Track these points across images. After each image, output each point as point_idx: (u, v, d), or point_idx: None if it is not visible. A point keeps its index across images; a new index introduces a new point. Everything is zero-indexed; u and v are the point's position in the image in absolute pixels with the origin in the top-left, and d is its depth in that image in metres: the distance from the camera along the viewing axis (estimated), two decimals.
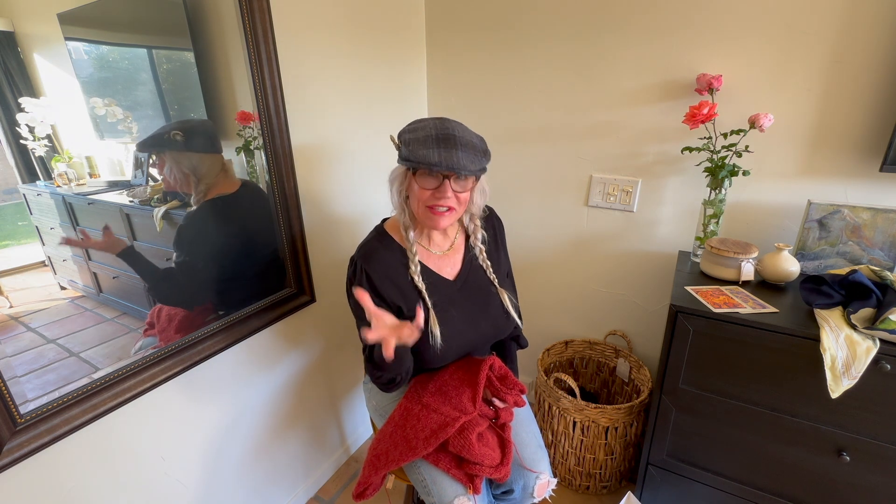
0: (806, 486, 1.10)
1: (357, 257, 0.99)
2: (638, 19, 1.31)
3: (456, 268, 1.06)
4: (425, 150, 0.85)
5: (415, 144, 0.87)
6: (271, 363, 1.29)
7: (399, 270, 0.98)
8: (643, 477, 1.31)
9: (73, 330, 0.85)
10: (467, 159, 0.86)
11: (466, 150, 0.86)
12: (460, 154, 0.85)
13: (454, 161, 0.85)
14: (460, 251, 1.07)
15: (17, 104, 0.74)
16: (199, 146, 0.99)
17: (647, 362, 1.60)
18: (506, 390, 1.03)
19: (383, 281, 0.96)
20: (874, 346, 0.90)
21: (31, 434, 0.79)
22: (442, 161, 0.84)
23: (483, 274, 1.08)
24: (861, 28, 1.08)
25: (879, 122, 1.11)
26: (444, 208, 0.92)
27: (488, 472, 0.93)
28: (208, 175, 1.00)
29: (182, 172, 0.96)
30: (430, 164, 0.85)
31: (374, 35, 1.41)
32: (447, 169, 0.85)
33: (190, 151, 0.97)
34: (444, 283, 1.03)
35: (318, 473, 1.57)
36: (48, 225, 0.82)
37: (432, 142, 0.86)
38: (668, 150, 1.37)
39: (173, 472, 1.08)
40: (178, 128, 0.93)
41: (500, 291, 1.07)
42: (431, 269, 1.02)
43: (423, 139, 0.86)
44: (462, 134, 0.88)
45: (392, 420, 1.00)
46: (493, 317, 1.06)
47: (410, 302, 0.98)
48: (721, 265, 1.20)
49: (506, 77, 1.56)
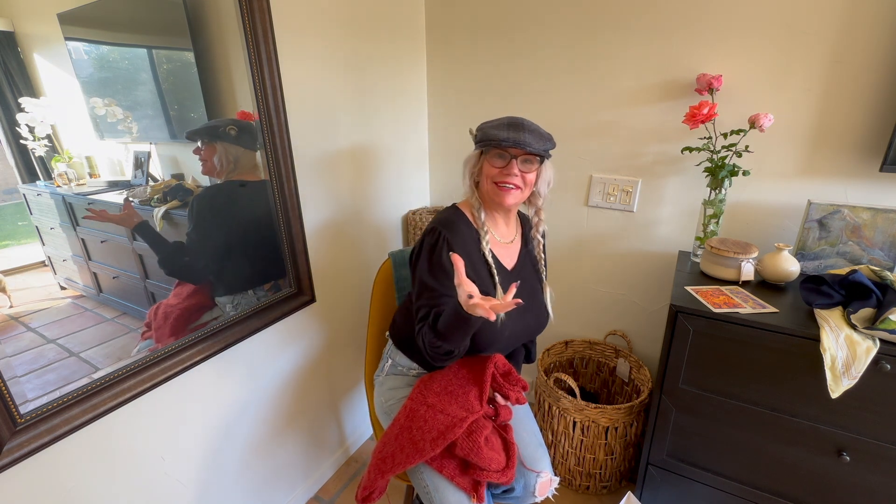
0: (806, 486, 1.10)
1: (438, 226, 1.02)
2: (638, 19, 1.31)
3: (514, 259, 1.11)
4: (496, 131, 0.96)
5: (488, 129, 0.98)
6: (271, 363, 1.29)
7: (472, 245, 1.03)
8: (643, 477, 1.31)
9: (73, 330, 0.85)
10: (532, 138, 0.95)
11: (533, 133, 0.96)
12: (526, 135, 0.95)
13: (521, 138, 0.94)
14: (518, 244, 1.13)
15: (17, 104, 0.74)
16: (245, 142, 1.09)
17: (647, 362, 1.60)
18: (509, 387, 1.04)
19: (460, 251, 0.99)
20: (874, 346, 0.90)
21: (31, 434, 0.79)
22: (510, 137, 0.94)
23: (534, 268, 1.14)
24: (861, 28, 1.09)
25: (879, 122, 1.11)
26: (510, 185, 0.99)
27: (494, 476, 0.92)
28: (244, 169, 1.11)
29: (228, 161, 1.07)
30: (499, 139, 0.95)
31: (374, 35, 1.41)
32: (513, 144, 0.94)
33: (238, 145, 1.08)
34: (504, 270, 1.07)
35: (318, 473, 1.57)
36: (48, 225, 0.82)
37: (504, 126, 0.96)
38: (668, 150, 1.37)
39: (173, 472, 1.08)
40: (234, 124, 1.06)
41: (545, 286, 1.14)
42: (496, 254, 1.06)
43: (496, 125, 0.98)
44: (530, 123, 0.98)
45: (397, 422, 1.00)
46: (537, 310, 1.12)
47: (480, 277, 1.02)
48: (721, 265, 1.20)
49: (506, 77, 1.56)
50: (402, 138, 1.64)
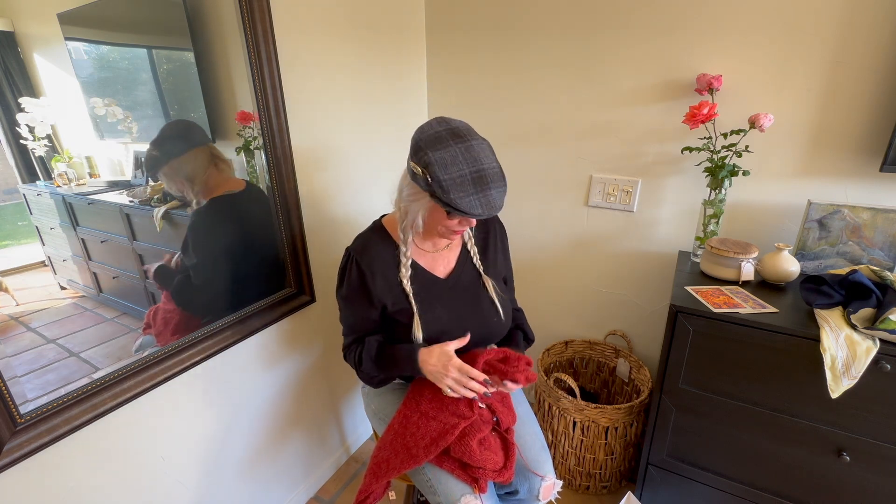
0: (806, 486, 1.10)
1: (352, 248, 1.01)
2: (638, 19, 1.31)
3: (449, 266, 1.06)
4: (468, 199, 0.82)
5: (453, 191, 0.82)
6: (271, 363, 1.29)
7: (390, 265, 0.99)
8: (643, 477, 1.31)
9: (73, 330, 0.85)
10: (499, 196, 0.85)
11: (496, 184, 0.84)
12: (494, 193, 0.84)
13: (493, 206, 0.84)
14: (456, 250, 1.08)
15: (17, 104, 0.74)
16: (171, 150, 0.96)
17: (647, 362, 1.59)
18: (512, 369, 0.97)
19: (374, 276, 0.98)
20: (874, 346, 0.90)
21: (31, 434, 0.79)
22: (484, 210, 0.83)
23: (475, 271, 1.07)
24: (861, 28, 1.08)
25: (879, 122, 1.11)
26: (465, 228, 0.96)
27: (491, 475, 0.93)
28: (197, 173, 0.99)
29: (180, 182, 0.97)
30: (476, 215, 0.84)
31: (375, 35, 1.41)
32: (489, 215, 0.86)
33: (171, 159, 0.96)
34: (435, 281, 1.03)
35: (318, 473, 1.57)
36: (48, 225, 0.82)
37: (469, 185, 0.82)
38: (668, 150, 1.37)
39: (173, 472, 1.08)
40: (150, 147, 0.91)
41: (486, 280, 1.06)
42: (424, 267, 1.03)
43: (460, 182, 0.82)
44: (489, 164, 0.85)
45: (392, 428, 1.00)
46: (483, 315, 1.05)
47: (397, 298, 1.00)
48: (721, 265, 1.20)
49: (506, 77, 1.56)
50: (402, 138, 1.64)
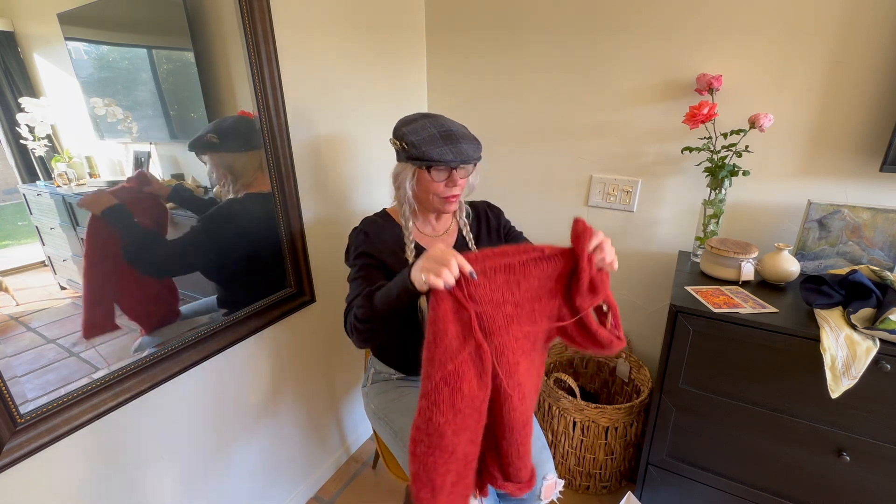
0: (806, 486, 1.10)
1: (360, 225, 1.07)
2: (638, 19, 1.31)
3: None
4: (438, 150, 0.93)
5: (424, 145, 0.93)
6: (271, 363, 1.29)
7: (397, 244, 1.04)
8: (643, 477, 1.31)
9: (74, 330, 0.85)
10: (471, 149, 0.96)
11: (467, 141, 0.96)
12: (464, 145, 0.94)
13: (465, 154, 0.94)
14: (453, 235, 1.13)
15: (17, 104, 0.74)
16: (231, 147, 1.05)
17: (647, 362, 1.59)
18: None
19: (383, 245, 1.02)
20: (874, 346, 0.90)
21: (31, 434, 0.79)
22: (456, 157, 0.93)
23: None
24: (861, 28, 1.08)
25: (879, 122, 1.11)
26: (454, 195, 1.01)
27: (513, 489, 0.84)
28: (244, 173, 1.07)
29: (222, 173, 1.04)
30: (448, 161, 0.93)
31: (375, 35, 1.41)
32: (462, 162, 0.95)
33: (225, 152, 1.04)
34: None
35: (318, 473, 1.57)
36: (48, 225, 0.82)
37: (439, 140, 0.93)
38: (668, 150, 1.37)
39: (173, 472, 1.08)
40: (213, 130, 1.00)
41: None
42: (424, 247, 1.07)
43: (430, 139, 0.94)
44: (457, 128, 0.97)
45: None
46: None
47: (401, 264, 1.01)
48: (721, 265, 1.20)
49: (506, 77, 1.56)
50: None
